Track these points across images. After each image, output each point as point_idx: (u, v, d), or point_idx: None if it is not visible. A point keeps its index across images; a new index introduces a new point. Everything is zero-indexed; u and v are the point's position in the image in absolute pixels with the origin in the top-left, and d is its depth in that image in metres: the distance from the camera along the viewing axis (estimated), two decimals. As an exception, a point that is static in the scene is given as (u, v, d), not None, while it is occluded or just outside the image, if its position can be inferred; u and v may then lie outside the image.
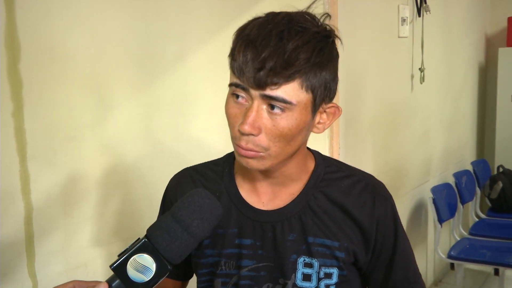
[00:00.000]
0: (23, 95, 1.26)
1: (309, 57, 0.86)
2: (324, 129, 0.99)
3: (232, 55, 0.89)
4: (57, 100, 1.34)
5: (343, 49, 1.02)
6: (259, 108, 0.88)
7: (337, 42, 0.95)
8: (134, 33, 1.52)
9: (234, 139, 0.93)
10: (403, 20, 3.16)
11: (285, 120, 0.89)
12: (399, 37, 3.18)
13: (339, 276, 1.01)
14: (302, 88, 0.87)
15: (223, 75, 0.98)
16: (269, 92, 0.86)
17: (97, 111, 1.44)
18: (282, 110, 0.88)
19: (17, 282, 1.30)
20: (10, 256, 1.28)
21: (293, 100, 0.87)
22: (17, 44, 1.24)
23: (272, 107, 0.88)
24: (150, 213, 1.19)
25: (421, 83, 3.48)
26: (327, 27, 0.93)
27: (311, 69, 0.87)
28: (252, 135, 0.89)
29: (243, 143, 0.91)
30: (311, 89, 0.89)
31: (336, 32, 0.94)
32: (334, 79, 0.93)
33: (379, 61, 3.00)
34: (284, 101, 0.87)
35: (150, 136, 1.61)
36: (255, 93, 0.87)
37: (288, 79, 0.86)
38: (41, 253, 1.34)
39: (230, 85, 0.91)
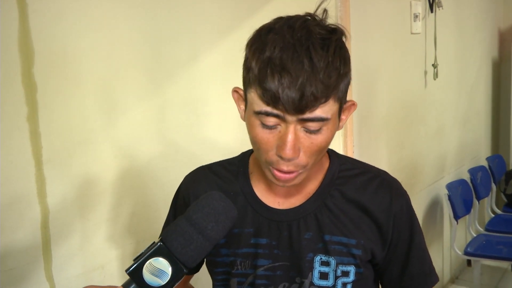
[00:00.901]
0: (37, 99, 1.27)
1: (339, 70, 0.85)
2: (343, 126, 0.99)
3: (260, 81, 0.84)
4: (71, 103, 1.34)
5: (355, 46, 1.02)
6: (296, 129, 0.87)
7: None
8: (146, 35, 1.52)
9: (270, 164, 0.92)
10: (416, 16, 3.14)
11: (322, 136, 0.89)
12: (411, 33, 3.16)
13: (356, 274, 1.01)
14: (335, 101, 0.88)
15: (236, 75, 0.97)
16: (308, 115, 0.85)
17: (110, 114, 1.45)
18: (320, 127, 0.88)
19: (34, 285, 1.31)
20: (27, 260, 1.29)
21: (329, 115, 0.87)
22: (31, 48, 1.25)
23: (308, 126, 0.87)
24: (166, 214, 1.19)
25: (434, 79, 3.45)
26: (336, 26, 0.91)
27: (342, 81, 0.87)
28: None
29: (284, 168, 0.90)
30: (340, 98, 0.89)
31: (344, 29, 0.92)
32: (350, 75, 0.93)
33: (392, 58, 2.98)
34: (322, 119, 0.86)
35: (163, 137, 1.61)
36: (292, 118, 0.85)
37: (327, 99, 0.85)
38: (58, 256, 1.35)
39: (259, 113, 0.87)
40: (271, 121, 0.87)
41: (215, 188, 1.08)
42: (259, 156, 0.94)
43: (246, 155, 1.12)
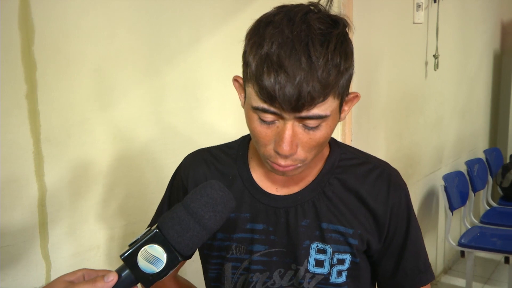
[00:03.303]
0: (36, 77, 1.27)
1: (339, 67, 0.83)
2: (345, 117, 0.97)
3: (256, 78, 0.82)
4: (70, 83, 1.34)
5: (356, 35, 1.00)
6: (294, 126, 0.86)
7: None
8: (147, 17, 1.51)
9: (268, 157, 0.91)
10: (418, 6, 3.12)
11: (321, 132, 0.87)
12: (414, 23, 3.15)
13: (352, 262, 1.01)
14: (334, 98, 0.85)
15: (237, 60, 0.96)
16: (305, 113, 0.83)
17: (109, 95, 1.44)
18: (318, 124, 0.86)
19: (31, 264, 1.31)
20: (24, 238, 1.29)
21: (328, 112, 0.85)
22: (31, 27, 1.24)
23: (307, 123, 0.85)
24: (162, 197, 1.19)
25: (435, 70, 3.45)
26: (339, 18, 0.88)
27: (342, 78, 0.85)
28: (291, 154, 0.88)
29: (282, 162, 0.89)
30: (341, 94, 0.87)
31: (348, 21, 0.90)
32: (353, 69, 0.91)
33: (394, 48, 2.97)
34: (320, 117, 0.84)
35: (163, 120, 1.61)
36: (289, 116, 0.84)
37: (325, 97, 0.83)
38: (54, 235, 1.35)
39: (256, 109, 0.85)
40: (269, 117, 0.86)
41: (214, 171, 1.08)
42: (258, 148, 0.93)
43: (246, 140, 1.11)
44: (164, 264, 0.77)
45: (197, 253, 1.09)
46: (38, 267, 1.33)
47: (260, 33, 0.84)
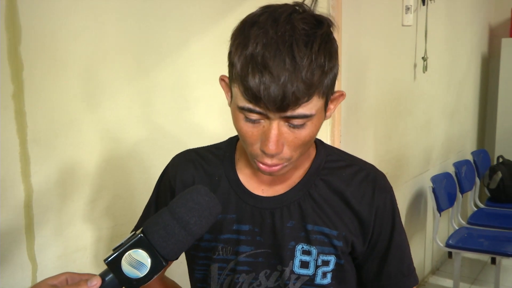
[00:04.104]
0: (23, 78, 1.25)
1: (323, 67, 0.83)
2: (331, 115, 0.98)
3: (241, 79, 0.83)
4: (57, 84, 1.33)
5: (346, 37, 1.00)
6: (279, 125, 0.86)
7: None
8: (136, 17, 1.51)
9: (255, 157, 0.91)
10: (407, 9, 3.14)
11: (306, 130, 0.88)
12: (403, 25, 3.16)
13: (336, 264, 1.01)
14: (319, 97, 0.86)
15: (226, 60, 0.96)
16: (290, 113, 0.83)
17: (97, 95, 1.43)
18: (304, 123, 0.87)
19: (17, 265, 1.30)
20: (9, 239, 1.28)
21: (313, 112, 0.86)
22: (18, 26, 1.23)
23: (292, 122, 0.86)
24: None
25: (423, 72, 3.47)
26: (323, 18, 0.88)
27: (326, 77, 0.85)
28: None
29: (268, 161, 0.90)
30: (326, 93, 0.87)
31: (332, 21, 0.90)
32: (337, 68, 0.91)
33: (383, 50, 2.98)
34: (305, 116, 0.85)
35: (151, 121, 1.60)
36: (274, 115, 0.84)
37: (310, 97, 0.83)
38: (41, 236, 1.34)
39: (242, 108, 0.86)
40: (254, 116, 0.86)
41: (201, 172, 1.08)
42: (245, 147, 0.93)
43: (233, 140, 1.11)
44: (148, 269, 0.76)
45: (183, 254, 1.09)
46: (24, 268, 1.32)
47: (245, 34, 0.85)
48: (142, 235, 0.77)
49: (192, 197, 0.81)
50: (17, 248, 1.30)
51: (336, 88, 0.94)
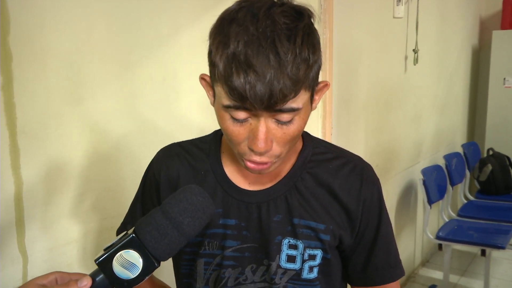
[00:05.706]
0: (12, 69, 1.24)
1: (308, 60, 0.81)
2: (316, 106, 0.96)
3: (225, 79, 0.80)
4: (46, 75, 1.32)
5: (337, 29, 1.00)
6: (267, 122, 0.84)
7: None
8: (126, 9, 1.49)
9: (243, 155, 0.90)
10: (399, 1, 3.14)
11: (294, 125, 0.87)
12: (394, 17, 3.16)
13: (323, 258, 1.01)
14: (306, 91, 0.84)
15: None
16: (278, 108, 0.82)
17: (87, 87, 1.42)
18: (291, 118, 0.85)
19: (7, 258, 1.29)
20: (0, 232, 1.27)
21: (300, 105, 0.84)
22: (7, 17, 1.22)
23: (280, 117, 0.84)
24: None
25: (414, 65, 3.47)
26: (303, 9, 0.86)
27: (311, 70, 0.84)
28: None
29: (257, 159, 0.88)
30: (311, 86, 0.86)
31: (312, 11, 0.88)
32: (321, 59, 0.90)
33: (374, 42, 2.98)
34: (292, 109, 0.83)
35: (141, 114, 1.59)
36: (261, 112, 0.83)
37: (296, 93, 0.82)
38: (31, 229, 1.33)
39: (228, 107, 0.84)
40: (241, 115, 0.84)
41: (186, 166, 1.07)
42: (232, 146, 0.92)
43: (218, 134, 1.09)
44: (140, 270, 0.75)
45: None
46: (15, 261, 1.31)
47: (225, 32, 0.82)
48: (134, 235, 0.75)
49: (186, 197, 0.79)
50: (8, 241, 1.29)
51: (328, 79, 0.93)
